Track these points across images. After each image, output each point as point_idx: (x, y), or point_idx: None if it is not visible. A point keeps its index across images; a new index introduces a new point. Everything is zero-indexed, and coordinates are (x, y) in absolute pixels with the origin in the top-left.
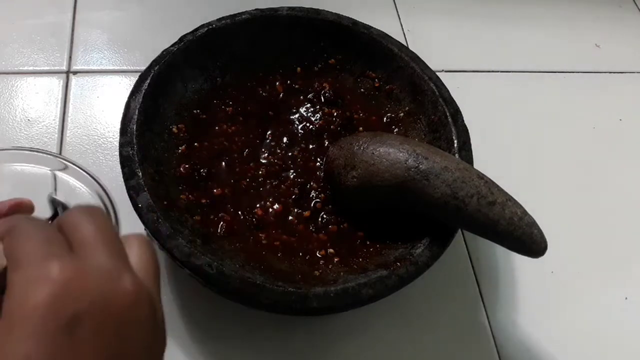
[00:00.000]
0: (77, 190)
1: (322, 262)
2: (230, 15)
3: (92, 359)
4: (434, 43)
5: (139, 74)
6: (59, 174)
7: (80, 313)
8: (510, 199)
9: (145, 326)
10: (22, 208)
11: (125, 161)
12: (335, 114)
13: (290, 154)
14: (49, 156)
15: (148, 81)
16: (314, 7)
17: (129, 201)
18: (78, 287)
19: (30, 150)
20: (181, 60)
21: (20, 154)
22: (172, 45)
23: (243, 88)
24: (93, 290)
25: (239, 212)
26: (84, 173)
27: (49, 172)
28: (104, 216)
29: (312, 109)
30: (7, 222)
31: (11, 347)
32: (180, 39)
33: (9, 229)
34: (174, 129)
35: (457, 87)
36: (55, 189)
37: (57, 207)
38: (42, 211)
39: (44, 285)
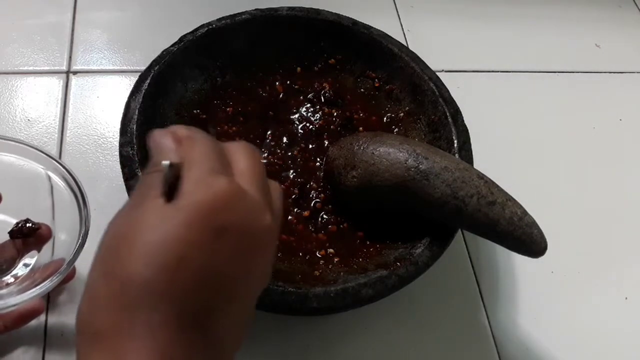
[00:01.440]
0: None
1: (322, 262)
2: (230, 15)
3: (226, 262)
4: (434, 43)
5: (139, 74)
6: (51, 173)
7: (228, 227)
8: (510, 198)
9: (267, 258)
10: None
11: (125, 161)
12: (335, 114)
13: (290, 153)
14: (36, 151)
15: (148, 81)
16: (314, 7)
17: None
18: (233, 204)
19: (22, 144)
20: (181, 60)
21: (10, 145)
22: (172, 45)
23: (243, 88)
24: (243, 212)
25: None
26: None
27: (41, 169)
28: (260, 158)
29: (312, 109)
30: (187, 130)
31: (172, 227)
32: (180, 39)
33: (189, 135)
34: None
35: (457, 87)
36: (52, 188)
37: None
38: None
39: (210, 190)
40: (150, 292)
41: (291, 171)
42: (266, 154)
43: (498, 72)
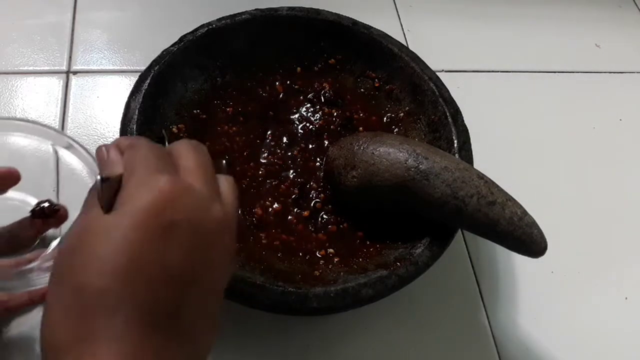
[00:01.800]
0: (75, 169)
1: (322, 262)
2: (230, 15)
3: (180, 260)
4: (434, 43)
5: (139, 74)
6: (61, 150)
7: (177, 222)
8: (510, 198)
9: (225, 250)
10: (10, 177)
11: None
12: (335, 114)
13: (290, 153)
14: (51, 131)
15: (148, 81)
16: (314, 7)
17: None
18: (179, 200)
19: (34, 123)
20: (181, 60)
21: (24, 125)
22: (172, 45)
23: (243, 88)
24: (190, 207)
25: (239, 212)
26: (85, 153)
27: (51, 146)
28: (206, 153)
29: (312, 109)
30: (129, 139)
31: (118, 233)
32: (180, 39)
33: (131, 145)
34: (174, 129)
35: (457, 87)
36: (57, 164)
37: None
38: (33, 186)
39: (152, 190)
40: (107, 298)
41: (291, 171)
42: (266, 154)
43: (498, 72)
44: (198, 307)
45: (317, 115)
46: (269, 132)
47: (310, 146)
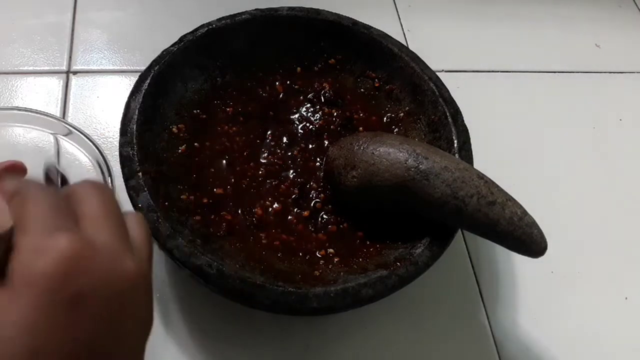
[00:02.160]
0: (77, 156)
1: (322, 262)
2: (230, 15)
3: (92, 334)
4: (434, 43)
5: (139, 74)
6: (61, 138)
7: (84, 289)
8: (510, 198)
9: (142, 306)
10: (15, 170)
11: (125, 161)
12: (335, 114)
13: (290, 153)
14: (52, 120)
15: (148, 81)
16: (314, 7)
17: (129, 201)
18: (84, 263)
19: (35, 113)
20: (181, 60)
21: (24, 115)
22: (172, 45)
23: (243, 88)
24: (98, 268)
25: (239, 212)
26: (86, 140)
27: (52, 135)
28: (111, 194)
29: (312, 109)
30: (15, 182)
31: (14, 313)
32: (180, 39)
33: (18, 190)
34: (174, 129)
35: (457, 87)
36: (58, 153)
37: (54, 176)
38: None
39: (51, 256)
40: None
41: (291, 171)
42: (266, 154)
43: (498, 72)
44: None
45: (317, 115)
46: (269, 132)
47: (310, 146)
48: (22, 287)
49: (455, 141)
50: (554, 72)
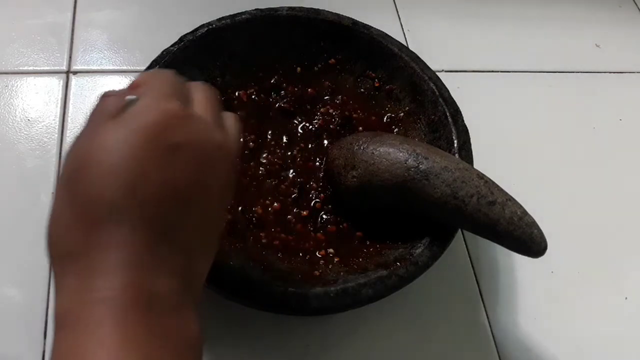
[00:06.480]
0: None
1: (322, 262)
2: (230, 15)
3: (182, 181)
4: (434, 43)
5: (139, 74)
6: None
7: (181, 143)
8: (510, 198)
9: (223, 174)
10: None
11: None
12: (334, 113)
13: (290, 153)
14: None
15: None
16: (314, 7)
17: None
18: (184, 123)
19: None
20: (181, 60)
21: None
22: (172, 45)
23: (243, 88)
24: (194, 130)
25: (239, 211)
26: None
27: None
28: (217, 94)
29: (312, 110)
30: (155, 70)
31: (127, 149)
32: (180, 39)
33: (152, 73)
34: None
35: (457, 87)
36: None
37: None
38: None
39: (161, 112)
40: (115, 210)
41: (291, 171)
42: (266, 154)
43: (498, 72)
44: (199, 226)
45: (317, 115)
46: (269, 132)
47: (310, 146)
48: (133, 128)
49: (455, 141)
50: (554, 72)
